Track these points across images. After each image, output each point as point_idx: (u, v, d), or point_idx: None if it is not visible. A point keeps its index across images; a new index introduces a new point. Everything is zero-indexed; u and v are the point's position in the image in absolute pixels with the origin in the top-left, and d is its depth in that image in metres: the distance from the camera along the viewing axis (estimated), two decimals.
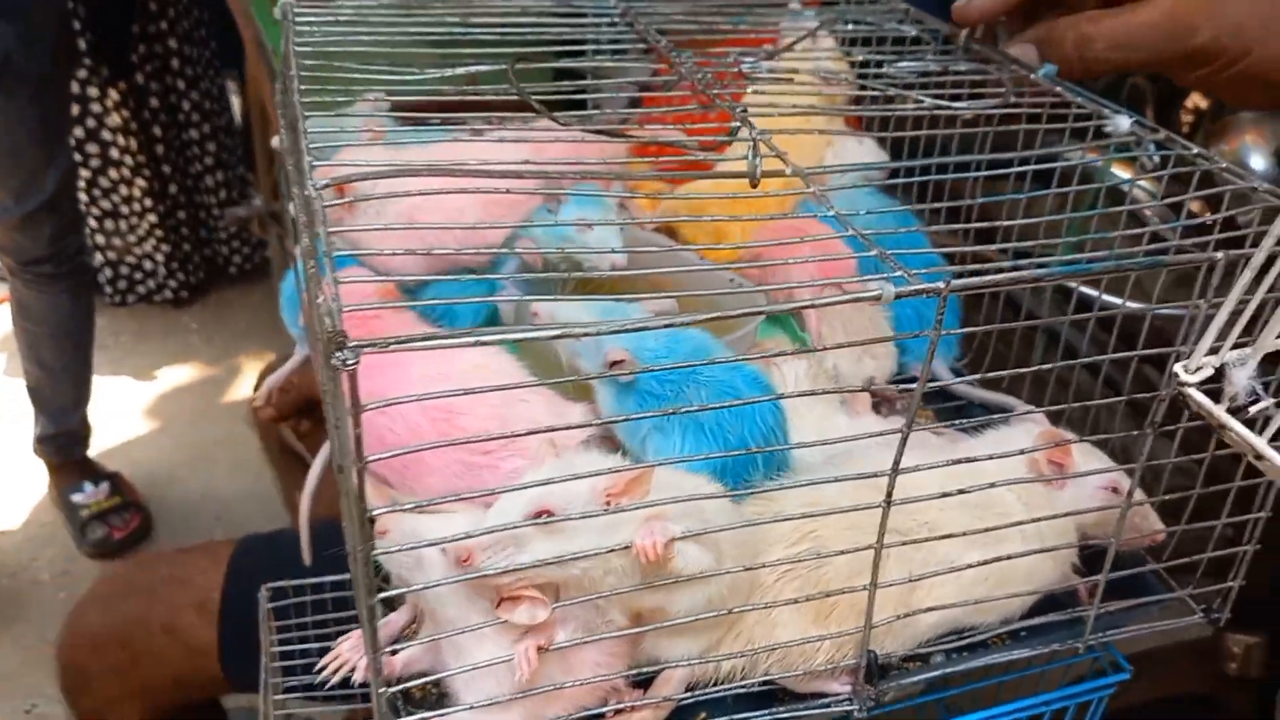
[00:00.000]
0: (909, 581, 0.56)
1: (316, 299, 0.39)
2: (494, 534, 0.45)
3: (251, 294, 2.86)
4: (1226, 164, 0.58)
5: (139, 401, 2.50)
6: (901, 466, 0.50)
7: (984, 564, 0.57)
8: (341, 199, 0.59)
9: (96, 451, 2.22)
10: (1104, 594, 0.60)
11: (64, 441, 2.13)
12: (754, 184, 0.53)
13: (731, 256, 0.77)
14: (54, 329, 2.01)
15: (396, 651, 0.53)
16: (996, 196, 0.70)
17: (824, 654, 0.55)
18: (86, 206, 2.56)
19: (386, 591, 0.46)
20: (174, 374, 2.61)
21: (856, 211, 0.53)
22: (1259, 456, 0.40)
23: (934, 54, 0.75)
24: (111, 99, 2.50)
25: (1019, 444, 0.61)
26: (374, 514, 0.43)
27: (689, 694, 0.55)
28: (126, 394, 2.52)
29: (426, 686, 0.54)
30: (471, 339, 0.39)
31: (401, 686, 0.49)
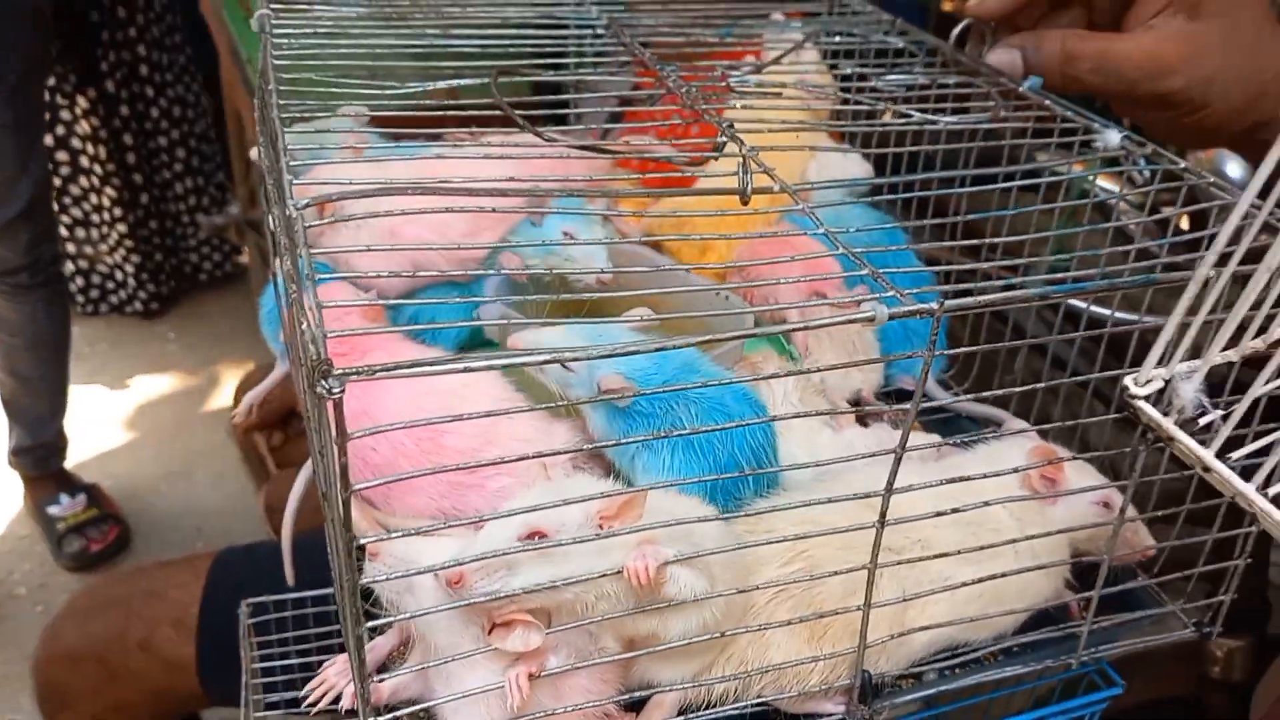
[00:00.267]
0: (903, 600, 0.55)
1: (300, 325, 0.38)
2: (486, 558, 0.44)
3: (228, 301, 2.83)
4: (1213, 178, 0.58)
5: (116, 412, 2.47)
6: (896, 486, 0.50)
7: (978, 582, 0.56)
8: (323, 218, 0.58)
9: (73, 463, 2.19)
10: (1096, 611, 0.60)
11: (40, 453, 2.10)
12: (745, 201, 0.52)
13: (719, 275, 0.76)
14: (30, 340, 1.98)
15: (385, 677, 0.52)
16: (987, 213, 0.69)
17: (818, 675, 0.55)
18: (56, 215, 2.52)
19: (375, 620, 0.45)
20: (152, 383, 2.57)
21: (845, 229, 0.52)
22: (1207, 469, 0.39)
23: (920, 66, 0.75)
24: (80, 106, 2.47)
25: (1011, 460, 0.60)
26: (362, 543, 0.42)
27: (681, 718, 0.54)
28: (104, 404, 2.49)
29: (416, 714, 0.53)
30: (460, 365, 0.38)
31: (390, 716, 0.48)
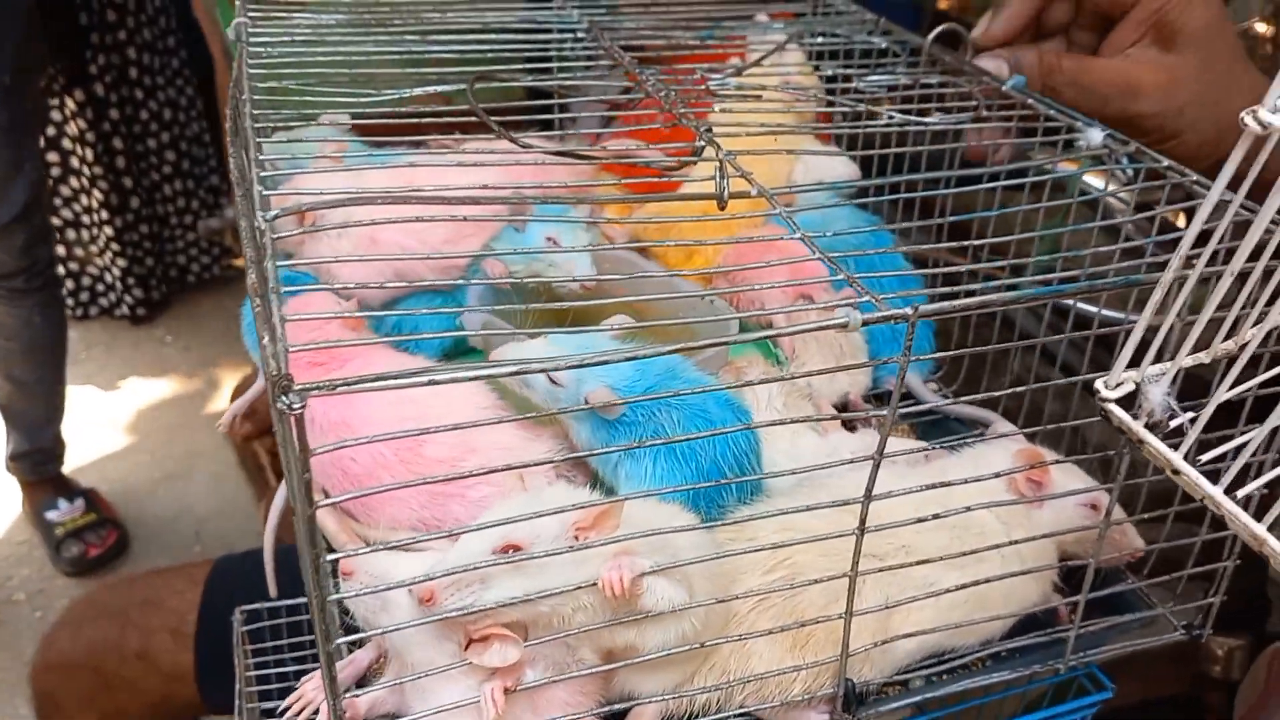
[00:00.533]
0: (885, 608, 0.55)
1: (263, 339, 0.38)
2: (457, 572, 0.44)
3: (225, 303, 2.83)
4: (1196, 176, 0.57)
5: (114, 415, 2.47)
6: (875, 492, 0.49)
7: (963, 587, 0.56)
8: (301, 228, 0.58)
9: (71, 467, 2.19)
10: (1085, 612, 0.60)
11: (38, 458, 2.10)
12: (722, 206, 0.52)
13: (705, 279, 0.76)
14: (26, 344, 1.98)
15: (361, 692, 0.52)
16: (975, 214, 0.69)
17: (801, 684, 0.54)
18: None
19: (347, 637, 0.45)
20: (149, 386, 2.57)
21: (823, 233, 0.52)
22: (1176, 471, 0.39)
23: (904, 66, 0.74)
24: (69, 108, 2.47)
25: (997, 463, 0.60)
26: (333, 559, 0.42)
27: None
28: (101, 408, 2.49)
29: None
30: (425, 379, 0.38)
31: None
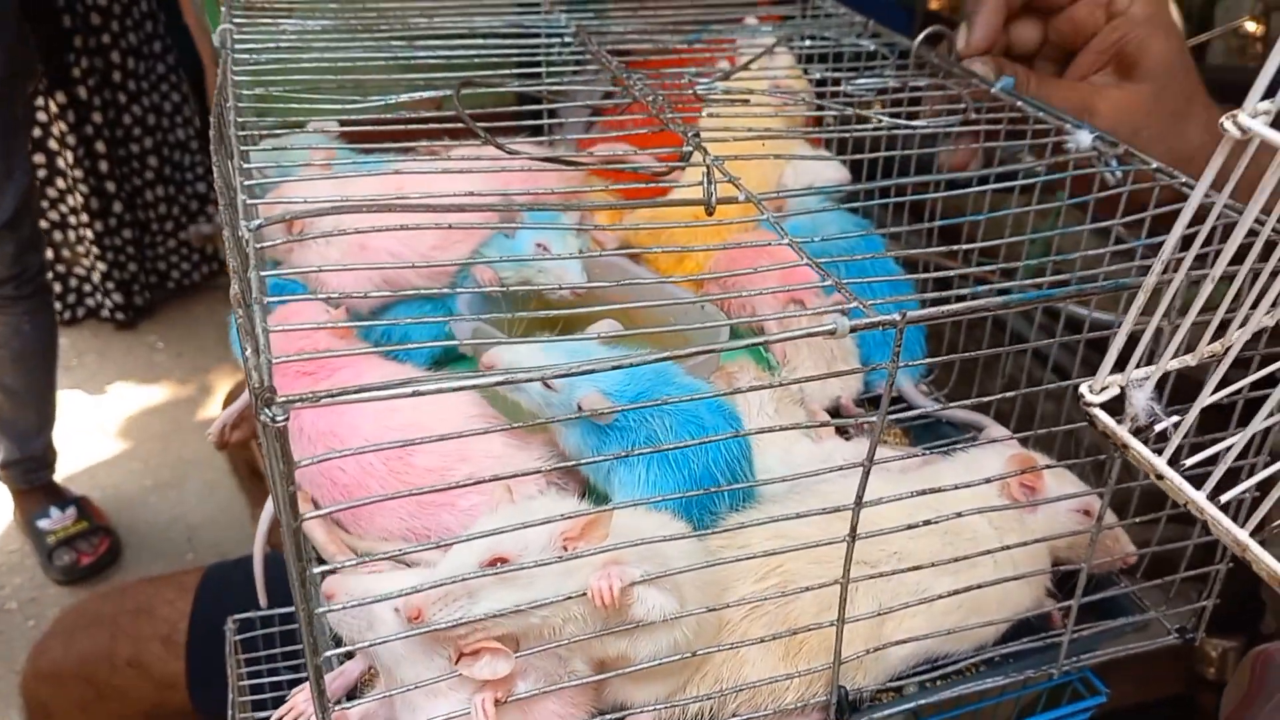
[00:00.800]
0: (878, 615, 0.54)
1: (245, 351, 0.38)
2: (445, 587, 0.44)
3: (217, 309, 2.82)
4: (1184, 178, 0.57)
5: (105, 422, 2.46)
6: (867, 498, 0.49)
7: (955, 593, 0.56)
8: (288, 236, 0.57)
9: (63, 475, 2.18)
10: (1078, 617, 0.59)
11: (29, 467, 2.09)
12: (709, 211, 0.52)
13: (695, 284, 0.76)
14: (16, 352, 1.97)
15: (351, 705, 0.51)
16: (964, 218, 0.68)
17: (794, 692, 0.54)
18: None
19: (337, 649, 0.44)
20: (140, 393, 2.56)
21: (812, 238, 0.51)
22: (1160, 476, 0.39)
23: (892, 69, 0.74)
24: (52, 109, 2.46)
25: (990, 467, 0.60)
26: (321, 570, 0.41)
27: None
28: (92, 415, 2.48)
29: None
30: (410, 390, 0.37)
31: None
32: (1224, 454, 0.39)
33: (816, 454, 0.66)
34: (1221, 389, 0.42)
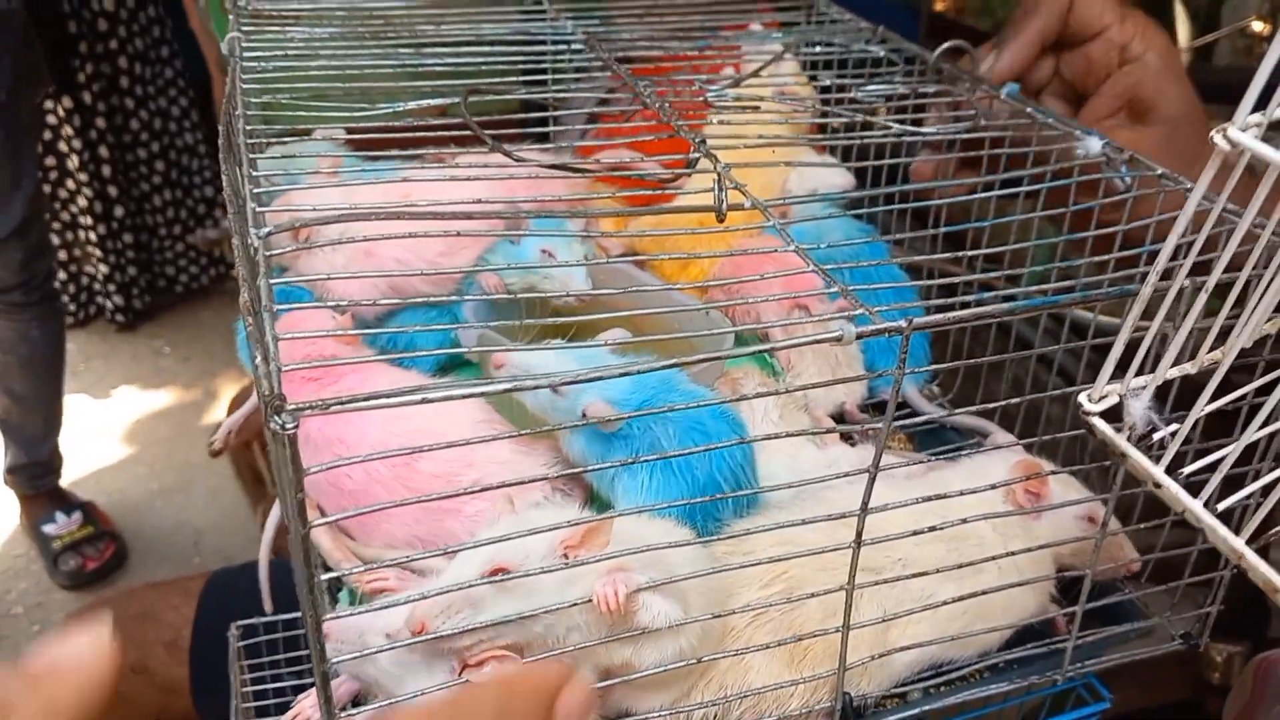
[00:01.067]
0: (883, 621, 0.54)
1: (255, 358, 0.38)
2: (447, 598, 0.44)
3: (223, 314, 2.83)
4: (1189, 185, 0.57)
5: (111, 427, 2.47)
6: (872, 505, 0.49)
7: (960, 599, 0.56)
8: (295, 243, 0.57)
9: (69, 480, 2.18)
10: (1082, 623, 0.59)
11: (35, 472, 2.09)
12: (720, 218, 0.52)
13: (700, 291, 0.76)
14: (24, 358, 1.98)
15: (358, 712, 0.51)
16: (969, 224, 0.68)
17: (798, 698, 0.54)
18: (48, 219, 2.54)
19: (340, 657, 0.44)
20: (146, 398, 2.57)
21: (817, 244, 0.51)
22: (1158, 485, 0.39)
23: (900, 76, 0.74)
24: (59, 113, 2.48)
25: (994, 473, 0.60)
26: (328, 578, 0.42)
27: None
28: (98, 420, 2.48)
29: None
30: (417, 397, 0.37)
31: None
32: (1221, 462, 0.39)
33: (822, 460, 0.66)
34: (1227, 395, 0.42)
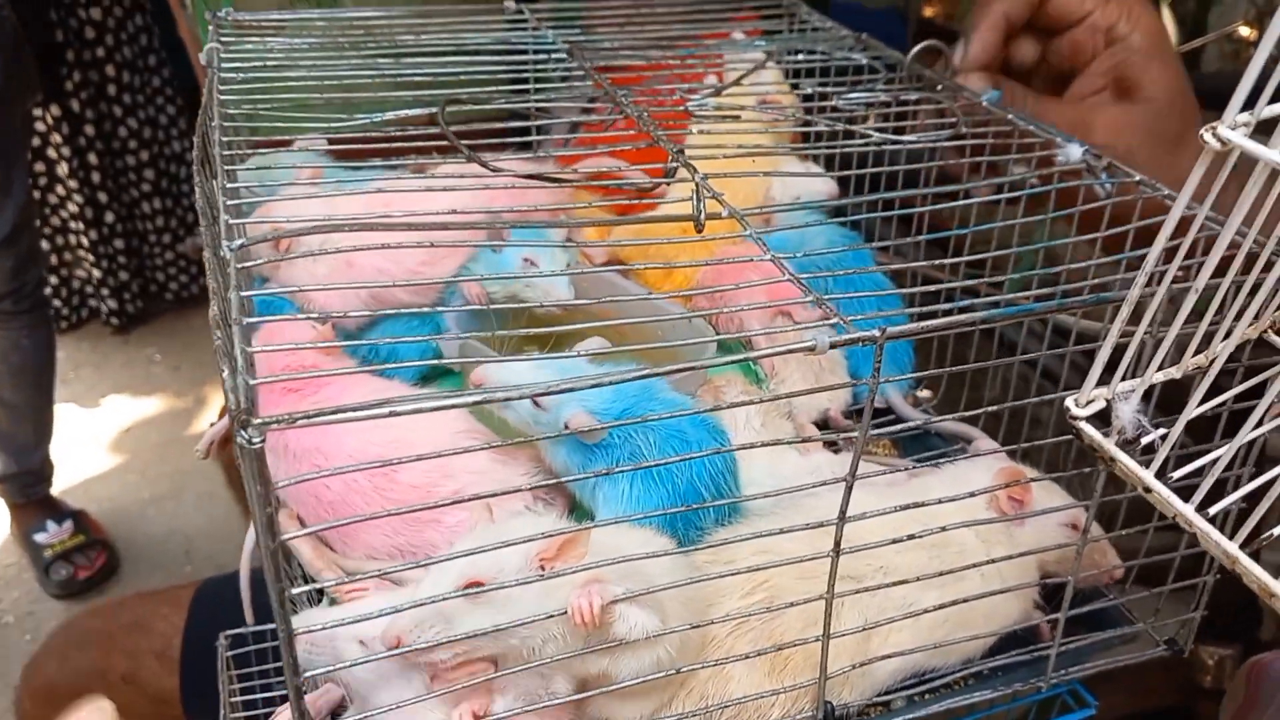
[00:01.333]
0: (864, 630, 0.54)
1: (223, 372, 0.38)
2: (421, 612, 0.43)
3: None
4: (1168, 191, 0.57)
5: (102, 435, 2.46)
6: (852, 513, 0.49)
7: (942, 607, 0.55)
8: (273, 254, 0.57)
9: (60, 488, 2.17)
10: (1067, 628, 0.59)
11: (26, 481, 2.08)
12: (699, 229, 0.52)
13: (684, 301, 0.76)
14: (14, 366, 1.97)
15: None
16: (952, 231, 0.68)
17: (779, 708, 0.54)
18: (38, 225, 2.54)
19: (313, 670, 0.44)
20: (137, 405, 2.56)
21: (795, 253, 0.51)
22: (1148, 489, 0.39)
23: (882, 83, 0.74)
24: (47, 121, 2.47)
25: (978, 480, 0.60)
26: (298, 592, 0.41)
27: None
28: (89, 428, 2.47)
29: None
30: (386, 410, 0.37)
31: None
32: (1212, 466, 0.39)
33: (804, 466, 0.66)
34: (1208, 399, 0.41)
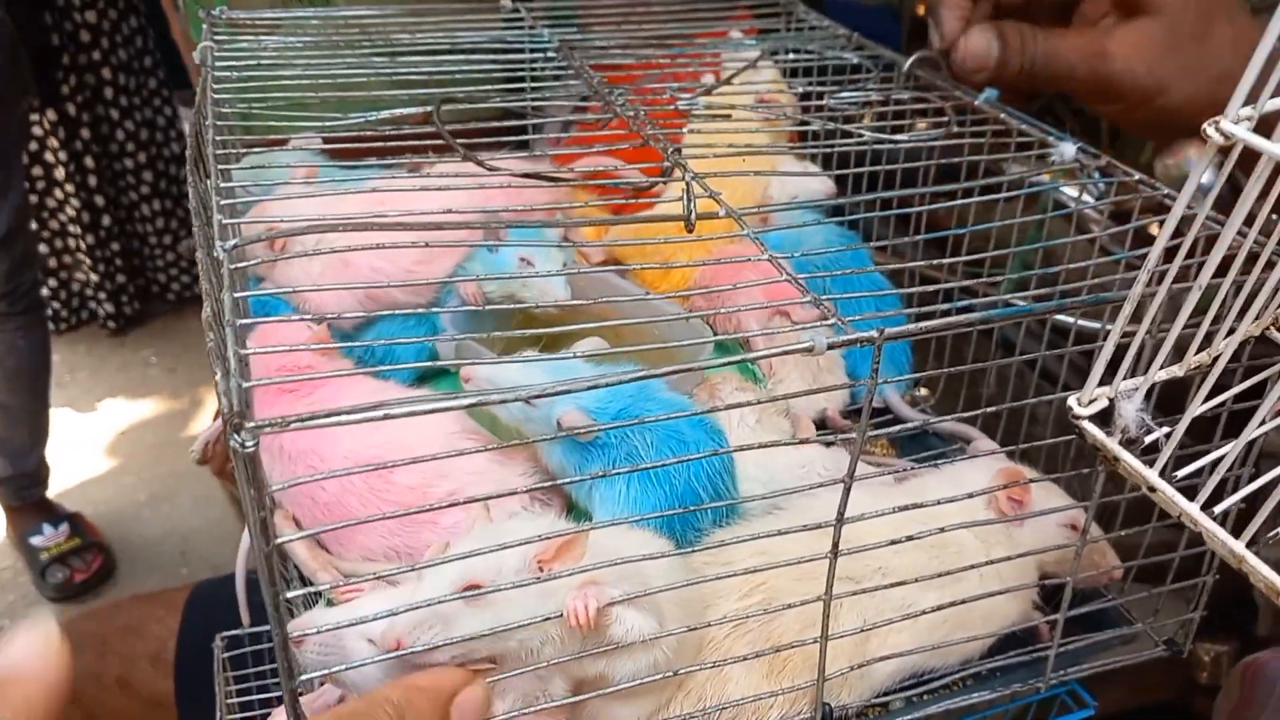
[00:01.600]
0: (862, 631, 0.54)
1: (216, 374, 0.37)
2: (419, 614, 0.43)
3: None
4: (1166, 190, 0.57)
5: (98, 437, 2.45)
6: (850, 513, 0.49)
7: (941, 608, 0.55)
8: (268, 254, 0.57)
9: (55, 491, 2.17)
10: (1066, 628, 0.59)
11: (22, 483, 2.08)
12: (690, 228, 0.51)
13: (682, 301, 0.75)
14: (9, 369, 1.96)
15: None
16: (950, 231, 0.68)
17: (778, 709, 0.53)
18: (35, 229, 2.53)
19: (310, 674, 0.44)
20: (133, 408, 2.56)
21: (792, 253, 0.51)
22: (1152, 488, 0.38)
23: (876, 82, 0.74)
24: (44, 125, 2.47)
25: (976, 481, 0.59)
26: (292, 595, 0.41)
27: None
28: (85, 430, 2.47)
29: None
30: (380, 414, 0.37)
31: None
32: (1216, 465, 0.39)
33: (795, 461, 0.66)
34: (1209, 398, 0.41)
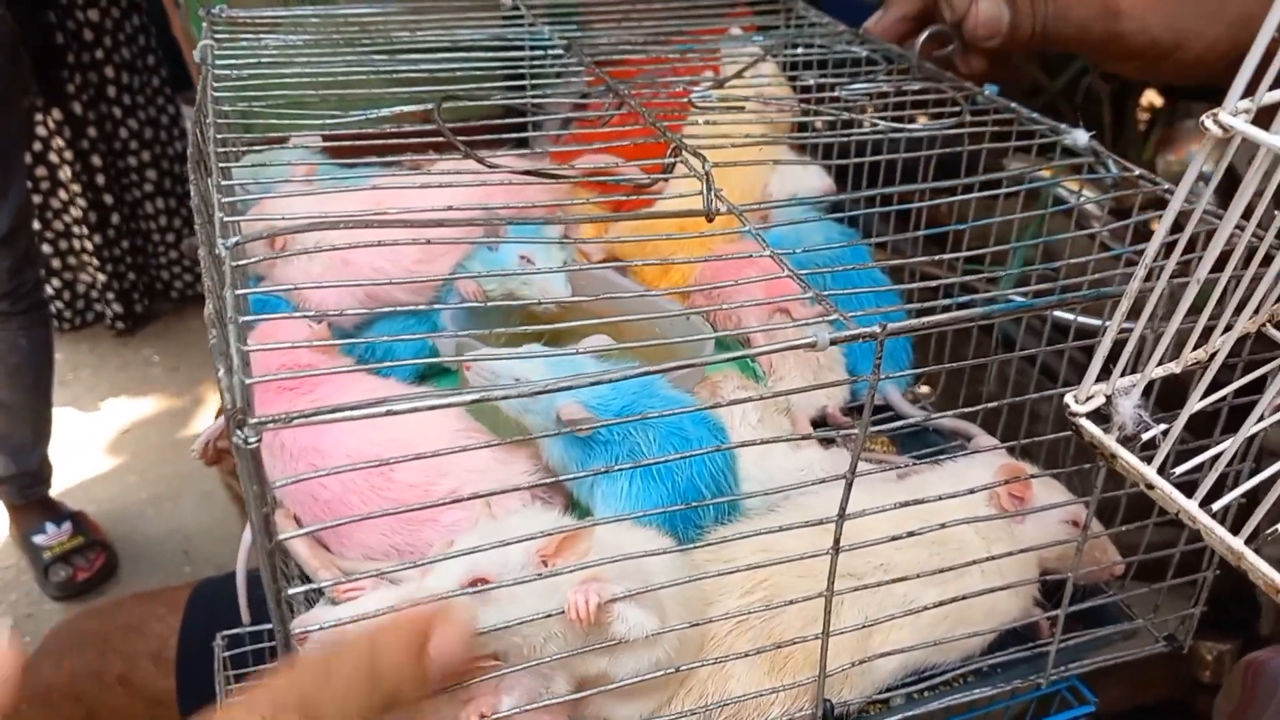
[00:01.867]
0: (864, 627, 0.54)
1: (218, 371, 0.37)
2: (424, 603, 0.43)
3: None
4: (1167, 185, 0.57)
5: (101, 436, 2.46)
6: (851, 510, 0.49)
7: (942, 604, 0.55)
8: (268, 253, 0.57)
9: (58, 490, 2.17)
10: (1066, 624, 0.59)
11: (24, 482, 2.07)
12: (710, 219, 0.51)
13: (681, 296, 0.75)
14: (12, 367, 1.96)
15: None
16: (952, 226, 0.68)
17: (779, 706, 0.54)
18: (40, 230, 2.53)
19: None
20: (136, 406, 2.56)
21: (793, 250, 0.51)
22: (1150, 485, 0.38)
23: (883, 74, 0.74)
24: (50, 125, 2.47)
25: (978, 477, 0.59)
26: (294, 593, 0.41)
27: None
28: (88, 429, 2.47)
29: None
30: (383, 410, 0.37)
31: None
32: (1215, 461, 0.39)
33: (794, 460, 0.66)
34: (1207, 394, 0.41)
